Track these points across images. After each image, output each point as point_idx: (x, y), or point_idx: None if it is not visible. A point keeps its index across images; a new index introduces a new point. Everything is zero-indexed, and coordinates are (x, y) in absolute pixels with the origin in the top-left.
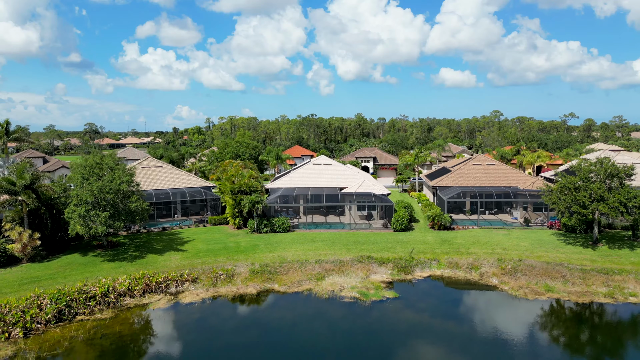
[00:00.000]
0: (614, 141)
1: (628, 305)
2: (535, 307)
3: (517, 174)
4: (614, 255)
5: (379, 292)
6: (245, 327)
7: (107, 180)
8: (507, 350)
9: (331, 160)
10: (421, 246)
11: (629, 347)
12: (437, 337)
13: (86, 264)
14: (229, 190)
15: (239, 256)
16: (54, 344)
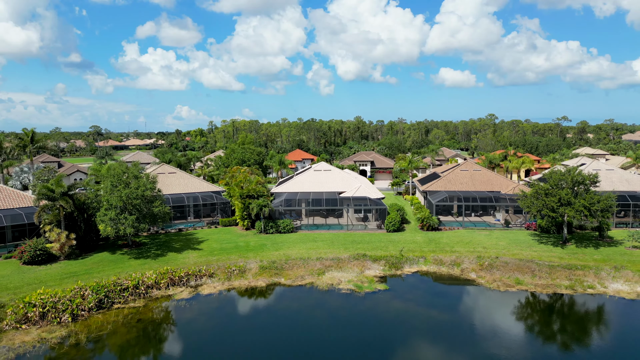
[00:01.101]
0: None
1: (585, 296)
2: (504, 297)
3: (501, 179)
4: (579, 253)
5: (372, 285)
6: (256, 314)
7: (133, 187)
8: (476, 331)
9: (330, 166)
10: (411, 245)
11: (581, 330)
12: (421, 323)
13: (116, 261)
14: (238, 195)
15: (249, 254)
16: (99, 327)
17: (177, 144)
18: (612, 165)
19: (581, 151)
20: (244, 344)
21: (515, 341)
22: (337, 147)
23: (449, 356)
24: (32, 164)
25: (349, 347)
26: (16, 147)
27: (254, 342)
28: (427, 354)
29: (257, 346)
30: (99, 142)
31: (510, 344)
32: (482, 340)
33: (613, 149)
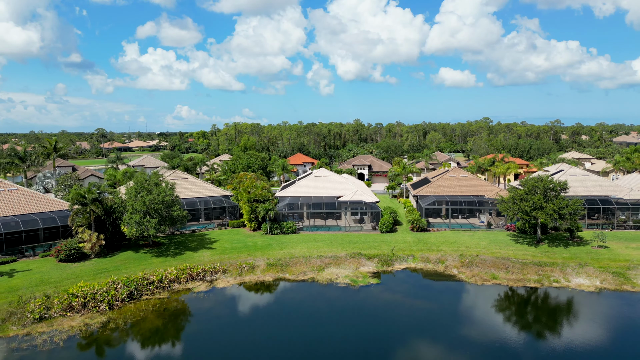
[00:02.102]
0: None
1: (550, 289)
2: (479, 290)
3: (485, 184)
4: (550, 252)
5: (366, 280)
6: (265, 305)
7: (155, 193)
8: (453, 318)
9: (330, 172)
10: (401, 245)
11: (542, 316)
12: (407, 311)
13: (139, 259)
14: (246, 199)
15: (257, 253)
16: (132, 314)
17: (180, 146)
18: (588, 172)
19: (568, 155)
20: (255, 329)
21: (484, 325)
22: (336, 150)
23: (430, 338)
24: (55, 170)
25: (344, 331)
26: (41, 154)
27: (263, 327)
28: (411, 337)
29: (266, 331)
30: (103, 143)
31: (480, 327)
32: (457, 325)
33: (601, 153)
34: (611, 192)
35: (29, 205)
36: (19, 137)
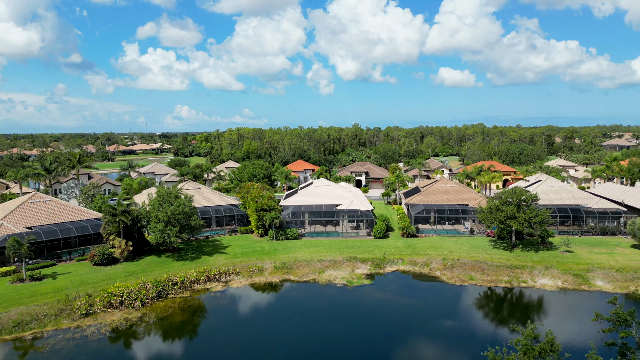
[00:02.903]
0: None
1: (518, 289)
2: (456, 289)
3: (470, 194)
4: (522, 256)
5: (360, 281)
6: (273, 302)
7: (175, 205)
8: (432, 312)
9: (329, 182)
10: (392, 249)
11: (509, 310)
12: (394, 307)
13: (162, 262)
14: (254, 208)
15: (265, 257)
16: (161, 310)
17: (183, 150)
18: (563, 183)
19: (553, 163)
20: (264, 324)
21: (458, 316)
22: (335, 155)
23: (412, 327)
24: (79, 181)
25: (340, 325)
26: (66, 167)
27: (271, 322)
28: (396, 327)
29: (274, 325)
30: (109, 147)
31: (454, 317)
32: (435, 316)
33: (587, 159)
34: (582, 202)
35: (63, 215)
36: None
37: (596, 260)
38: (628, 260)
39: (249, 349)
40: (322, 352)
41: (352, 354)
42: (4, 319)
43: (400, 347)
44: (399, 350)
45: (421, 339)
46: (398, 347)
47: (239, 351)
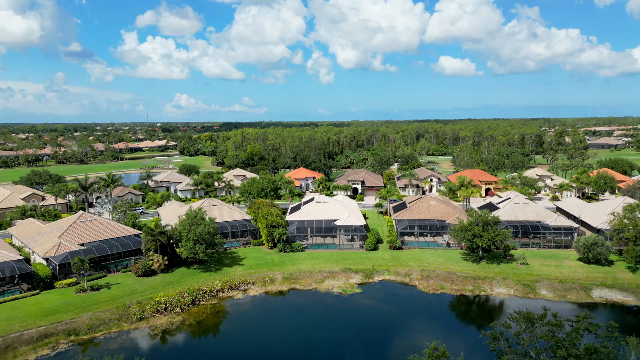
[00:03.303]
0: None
1: (479, 296)
2: (429, 296)
3: (449, 210)
4: (486, 268)
5: (353, 289)
6: (284, 307)
7: (202, 226)
8: (408, 314)
9: (328, 198)
10: (380, 261)
11: (465, 316)
12: (379, 311)
13: (192, 273)
14: (265, 224)
15: (275, 268)
16: (197, 315)
17: (189, 148)
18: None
19: (531, 172)
20: (278, 324)
21: (429, 317)
22: (334, 159)
23: (391, 325)
24: (112, 197)
25: (336, 324)
26: (102, 186)
27: (282, 321)
28: (379, 325)
29: (285, 324)
30: (116, 144)
31: (425, 318)
32: (410, 317)
33: (567, 166)
34: (543, 218)
35: (107, 232)
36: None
37: (545, 272)
38: (571, 272)
39: (268, 344)
40: (323, 346)
41: (343, 348)
42: (79, 322)
43: (378, 343)
44: (378, 346)
45: (396, 335)
46: (377, 343)
47: (260, 346)
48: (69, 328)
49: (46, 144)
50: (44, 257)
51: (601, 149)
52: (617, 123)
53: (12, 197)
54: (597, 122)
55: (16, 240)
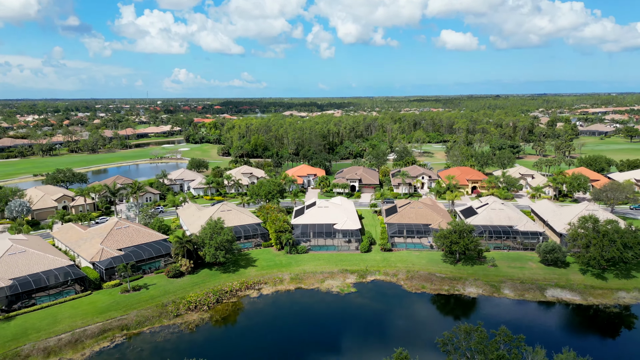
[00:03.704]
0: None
1: (451, 295)
2: (411, 295)
3: (434, 215)
4: (462, 269)
5: (349, 289)
6: (292, 303)
7: (222, 234)
8: (393, 308)
9: (328, 203)
10: (372, 262)
11: (443, 311)
12: (369, 306)
13: (214, 275)
14: (274, 230)
15: (283, 269)
16: (221, 311)
17: (194, 136)
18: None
19: (514, 171)
20: (287, 318)
21: (410, 311)
22: (334, 152)
23: (377, 317)
24: (138, 202)
25: (335, 317)
26: (130, 193)
27: (291, 317)
28: (369, 321)
29: (293, 319)
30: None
31: (405, 316)
32: (394, 314)
33: (549, 162)
34: (514, 223)
35: (139, 238)
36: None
37: (510, 273)
38: (532, 274)
39: (280, 336)
40: (324, 338)
41: (339, 339)
42: (129, 319)
43: (366, 335)
44: (367, 337)
45: (380, 325)
46: (366, 335)
47: (274, 337)
48: (122, 324)
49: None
50: (91, 262)
51: (592, 136)
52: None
53: (45, 198)
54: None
55: (60, 244)
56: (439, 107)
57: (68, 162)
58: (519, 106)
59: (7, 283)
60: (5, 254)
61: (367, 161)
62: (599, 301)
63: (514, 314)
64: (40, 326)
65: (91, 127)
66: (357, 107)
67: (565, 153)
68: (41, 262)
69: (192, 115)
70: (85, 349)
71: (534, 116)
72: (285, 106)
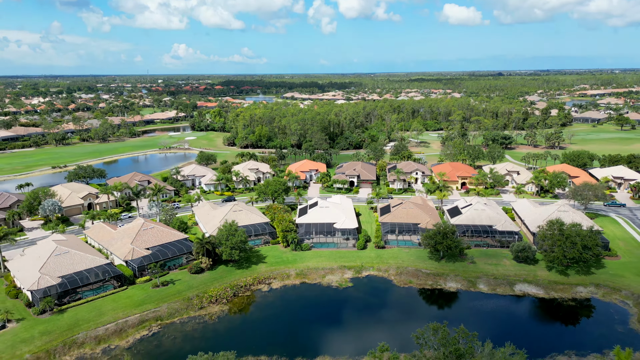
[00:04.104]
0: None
1: (436, 289)
2: (401, 289)
3: (423, 215)
4: (445, 266)
5: (346, 283)
6: (298, 296)
7: (237, 236)
8: (382, 299)
9: (329, 203)
10: (367, 259)
11: (427, 303)
12: (362, 298)
13: (229, 271)
14: (281, 229)
15: (289, 265)
16: (238, 304)
17: (199, 124)
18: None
19: (502, 167)
20: (294, 309)
21: (398, 303)
22: (335, 142)
23: (370, 308)
24: (159, 203)
25: (334, 308)
26: (152, 194)
27: (297, 306)
28: (361, 309)
29: (299, 310)
30: (129, 117)
31: (394, 304)
32: (384, 302)
33: (536, 156)
34: (494, 223)
35: (164, 237)
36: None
37: (486, 269)
38: (504, 270)
39: (289, 325)
40: (325, 326)
41: (337, 327)
42: (161, 311)
43: (359, 324)
44: (360, 326)
45: (369, 314)
46: (359, 324)
47: (284, 326)
48: (156, 315)
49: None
50: (124, 260)
51: (585, 123)
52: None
53: (72, 196)
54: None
55: (93, 242)
56: (440, 88)
57: (81, 152)
58: (518, 87)
59: (57, 281)
60: (52, 254)
61: (366, 154)
62: (559, 295)
63: (484, 307)
64: (89, 317)
65: (98, 114)
66: (358, 88)
67: (555, 144)
68: (83, 261)
69: (195, 98)
70: (129, 337)
71: (531, 101)
72: (286, 86)
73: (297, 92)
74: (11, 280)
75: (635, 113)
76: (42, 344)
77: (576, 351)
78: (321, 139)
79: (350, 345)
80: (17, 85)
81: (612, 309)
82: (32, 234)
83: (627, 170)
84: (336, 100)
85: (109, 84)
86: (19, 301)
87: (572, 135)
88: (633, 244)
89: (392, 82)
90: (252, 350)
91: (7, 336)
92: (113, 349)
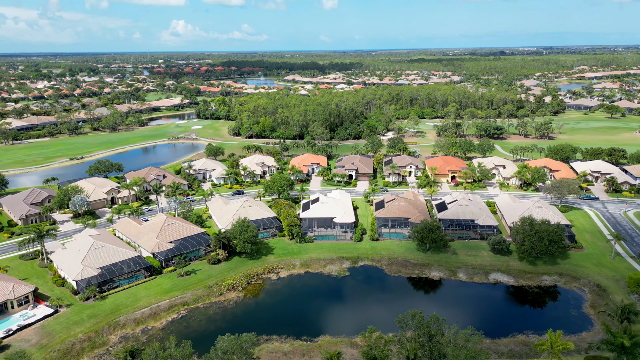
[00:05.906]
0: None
1: (422, 278)
2: (391, 278)
3: (413, 210)
4: (431, 257)
5: (344, 272)
6: (303, 284)
7: (249, 231)
8: (375, 285)
9: (329, 199)
10: (362, 250)
11: (413, 289)
12: (357, 285)
13: (242, 262)
14: (286, 224)
15: (295, 256)
16: (251, 291)
17: (204, 112)
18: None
19: (489, 161)
20: (299, 295)
21: (388, 290)
22: (335, 133)
23: (363, 293)
24: (177, 199)
25: (333, 293)
26: (171, 192)
27: (302, 290)
28: (355, 294)
29: (304, 296)
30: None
31: (384, 293)
32: (376, 289)
33: (524, 148)
34: (476, 217)
35: (184, 232)
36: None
37: (466, 260)
38: (482, 261)
39: (296, 308)
40: (324, 309)
41: (336, 310)
42: (187, 297)
43: (354, 308)
44: (355, 310)
45: (364, 298)
46: (354, 309)
47: (291, 308)
48: (183, 301)
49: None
50: (151, 252)
51: (577, 110)
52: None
53: (97, 191)
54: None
55: (121, 235)
56: (440, 70)
57: (95, 143)
58: (518, 69)
59: (97, 271)
60: (91, 248)
61: (364, 147)
62: (527, 283)
63: (461, 293)
64: (127, 303)
65: (106, 101)
66: (359, 70)
67: (545, 134)
68: (117, 254)
69: (198, 82)
70: (162, 319)
71: (527, 87)
72: (287, 67)
73: (298, 74)
74: (55, 271)
75: (627, 101)
76: (90, 326)
77: (533, 331)
78: (322, 132)
79: (347, 327)
80: (19, 66)
81: (570, 295)
82: (64, 227)
83: (604, 165)
84: (337, 84)
85: (109, 64)
86: (65, 289)
87: (562, 124)
88: (598, 236)
89: (393, 63)
90: (265, 330)
91: (61, 319)
92: (150, 329)
